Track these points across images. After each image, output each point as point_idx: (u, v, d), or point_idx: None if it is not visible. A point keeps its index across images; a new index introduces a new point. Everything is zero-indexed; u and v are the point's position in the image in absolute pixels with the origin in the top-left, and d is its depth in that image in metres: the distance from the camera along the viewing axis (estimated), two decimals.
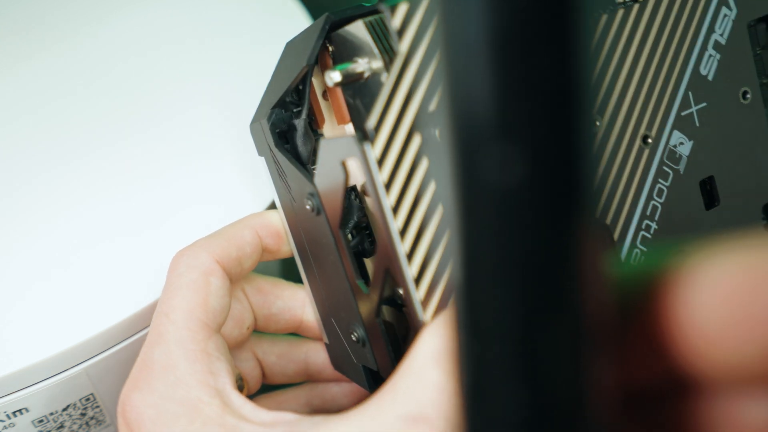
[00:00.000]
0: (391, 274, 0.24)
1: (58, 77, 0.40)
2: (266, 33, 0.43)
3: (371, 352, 0.28)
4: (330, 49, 0.26)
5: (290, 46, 0.29)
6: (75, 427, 0.31)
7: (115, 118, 0.38)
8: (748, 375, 0.12)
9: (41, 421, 0.30)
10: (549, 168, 0.10)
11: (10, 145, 0.37)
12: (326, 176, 0.25)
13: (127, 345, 0.31)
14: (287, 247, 0.30)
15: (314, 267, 0.29)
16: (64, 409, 0.31)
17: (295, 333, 0.32)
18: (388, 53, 0.23)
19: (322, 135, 0.27)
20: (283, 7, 0.45)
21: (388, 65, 0.23)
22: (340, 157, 0.24)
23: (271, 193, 0.35)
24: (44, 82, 0.40)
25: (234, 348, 0.30)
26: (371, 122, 0.22)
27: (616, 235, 0.26)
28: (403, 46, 0.22)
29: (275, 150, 0.28)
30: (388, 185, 0.23)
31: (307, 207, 0.27)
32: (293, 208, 0.28)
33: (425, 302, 0.24)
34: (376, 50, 0.23)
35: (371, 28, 0.24)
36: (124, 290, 0.31)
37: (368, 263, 0.28)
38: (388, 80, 0.22)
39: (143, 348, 0.27)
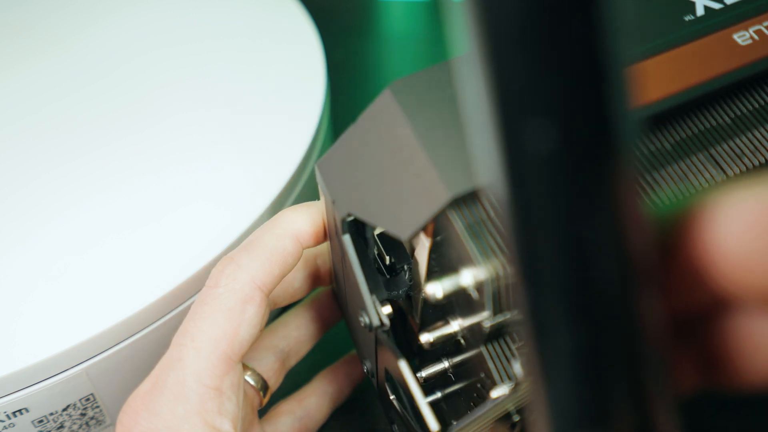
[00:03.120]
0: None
1: (57, 77, 0.40)
2: (266, 33, 0.43)
3: (376, 381, 0.28)
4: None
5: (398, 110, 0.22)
6: (75, 427, 0.31)
7: (115, 118, 0.38)
8: None
9: (41, 421, 0.30)
10: (580, 134, 0.11)
11: (10, 145, 0.37)
12: (386, 361, 0.25)
13: (127, 345, 0.31)
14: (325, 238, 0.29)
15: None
16: (64, 409, 0.31)
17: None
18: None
19: None
20: (283, 7, 0.45)
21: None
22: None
23: (275, 190, 0.35)
24: (44, 82, 0.40)
25: (251, 348, 0.30)
26: None
27: None
28: None
29: (343, 240, 0.25)
30: None
31: (360, 319, 0.26)
32: (339, 262, 0.27)
33: None
34: (491, 304, 0.20)
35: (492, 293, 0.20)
36: (124, 290, 0.31)
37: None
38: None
39: (162, 361, 0.27)
